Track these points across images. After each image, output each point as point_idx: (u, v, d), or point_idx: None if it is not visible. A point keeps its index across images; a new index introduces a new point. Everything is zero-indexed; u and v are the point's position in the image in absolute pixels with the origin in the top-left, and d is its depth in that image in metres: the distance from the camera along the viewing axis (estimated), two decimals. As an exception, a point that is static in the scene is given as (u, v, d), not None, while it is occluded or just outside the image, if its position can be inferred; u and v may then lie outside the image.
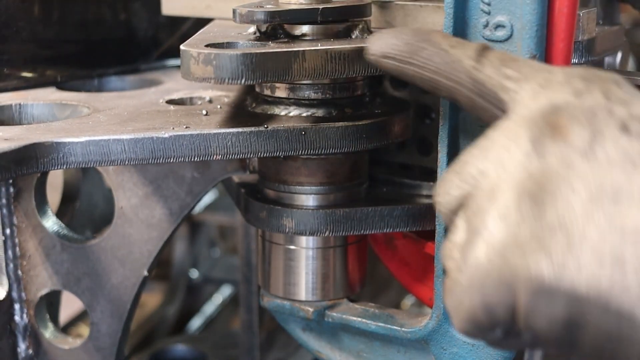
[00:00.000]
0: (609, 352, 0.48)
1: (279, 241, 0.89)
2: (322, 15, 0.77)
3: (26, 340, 1.00)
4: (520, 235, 0.51)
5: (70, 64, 1.06)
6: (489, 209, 0.53)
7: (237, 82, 0.69)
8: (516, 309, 0.50)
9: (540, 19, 0.69)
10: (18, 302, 0.98)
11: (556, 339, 0.49)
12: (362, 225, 0.83)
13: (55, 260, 0.96)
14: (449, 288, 0.55)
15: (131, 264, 0.93)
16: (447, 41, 0.63)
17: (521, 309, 0.50)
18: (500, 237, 0.52)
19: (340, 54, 0.73)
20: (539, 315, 0.49)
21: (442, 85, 0.63)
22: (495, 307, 0.51)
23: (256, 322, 1.19)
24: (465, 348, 0.81)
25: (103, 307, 0.95)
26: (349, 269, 0.90)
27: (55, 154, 0.74)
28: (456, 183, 0.58)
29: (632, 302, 0.46)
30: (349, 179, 0.86)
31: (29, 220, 0.96)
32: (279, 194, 0.86)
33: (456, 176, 0.58)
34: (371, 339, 0.89)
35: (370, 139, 0.79)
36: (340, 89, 0.82)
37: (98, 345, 0.96)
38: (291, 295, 0.89)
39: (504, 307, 0.50)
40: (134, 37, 1.12)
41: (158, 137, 0.75)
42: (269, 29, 0.79)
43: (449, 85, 0.62)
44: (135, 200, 0.92)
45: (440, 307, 0.81)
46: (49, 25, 1.00)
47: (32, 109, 0.91)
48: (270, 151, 0.76)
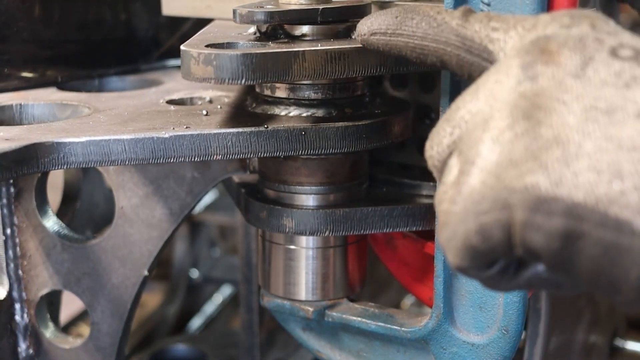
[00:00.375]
0: (606, 266, 0.46)
1: (279, 241, 0.89)
2: (322, 16, 0.77)
3: (27, 339, 1.00)
4: (514, 153, 0.49)
5: (71, 64, 1.06)
6: (482, 137, 0.52)
7: (237, 82, 0.70)
8: (512, 227, 0.48)
9: (540, 19, 0.69)
10: (19, 302, 0.98)
11: (553, 255, 0.47)
12: (362, 225, 0.84)
13: (55, 260, 0.96)
14: (442, 223, 0.53)
15: (131, 263, 0.93)
16: (433, 9, 0.63)
17: (517, 225, 0.48)
18: (494, 158, 0.50)
19: (340, 54, 0.73)
20: (536, 230, 0.47)
21: (431, 49, 0.63)
22: (491, 228, 0.49)
23: (256, 321, 1.19)
24: (465, 348, 0.81)
25: (103, 306, 0.95)
26: (349, 268, 0.90)
27: (55, 154, 0.74)
28: (448, 130, 0.57)
29: (630, 212, 0.45)
30: (349, 179, 0.86)
31: (29, 220, 0.97)
32: (279, 194, 0.86)
33: (447, 124, 0.57)
34: (371, 338, 0.89)
35: (370, 139, 0.79)
36: (340, 89, 0.82)
37: (98, 344, 0.96)
38: (291, 295, 0.90)
39: (499, 227, 0.48)
40: (134, 37, 1.12)
41: (158, 137, 0.75)
42: (269, 29, 0.79)
43: (437, 48, 0.62)
44: (135, 200, 0.92)
45: (440, 307, 0.81)
46: (49, 26, 1.00)
47: (33, 109, 0.91)
48: (270, 151, 0.76)
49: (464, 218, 0.50)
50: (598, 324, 1.20)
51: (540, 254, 0.48)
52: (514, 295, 0.77)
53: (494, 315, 0.79)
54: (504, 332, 0.79)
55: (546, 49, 0.53)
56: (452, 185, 0.53)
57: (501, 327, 0.79)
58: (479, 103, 0.55)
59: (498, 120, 0.52)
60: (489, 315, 0.79)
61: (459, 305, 0.81)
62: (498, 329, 0.79)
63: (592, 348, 1.19)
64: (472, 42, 0.60)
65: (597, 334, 1.21)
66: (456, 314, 0.82)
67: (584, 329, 1.14)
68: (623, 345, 1.32)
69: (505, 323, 0.78)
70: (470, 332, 0.81)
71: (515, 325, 0.78)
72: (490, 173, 0.50)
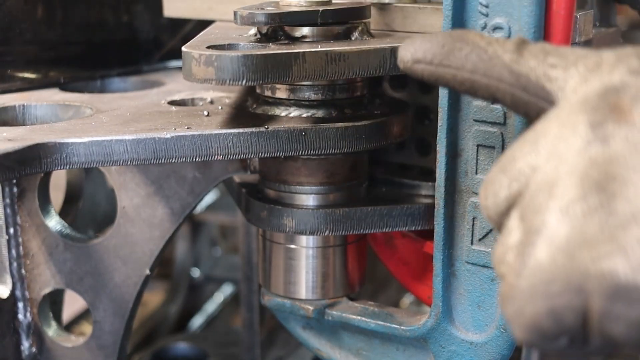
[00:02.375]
0: None
1: (280, 240, 0.90)
2: (322, 17, 0.77)
3: (29, 338, 1.00)
4: (588, 230, 0.45)
5: (73, 66, 1.06)
6: (548, 204, 0.47)
7: (238, 83, 0.70)
8: (588, 314, 0.44)
9: (538, 20, 0.69)
10: (21, 301, 0.99)
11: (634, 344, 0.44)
12: (361, 225, 0.84)
13: (58, 260, 0.97)
14: (506, 295, 0.49)
15: (133, 263, 0.94)
16: (483, 39, 0.58)
17: (595, 314, 0.44)
18: (564, 233, 0.46)
19: (340, 55, 0.73)
20: (616, 320, 0.44)
21: (482, 85, 0.58)
22: (564, 313, 0.45)
23: (257, 320, 1.19)
24: (464, 346, 0.82)
25: (106, 305, 0.96)
26: (349, 268, 0.91)
27: (58, 154, 0.74)
28: (505, 183, 0.52)
29: None
30: (349, 179, 0.86)
31: (32, 220, 0.97)
32: (279, 193, 0.86)
33: (504, 175, 0.52)
34: (370, 337, 0.89)
35: (370, 140, 0.80)
36: (340, 90, 0.82)
37: (101, 343, 0.97)
38: (291, 294, 0.90)
39: (573, 312, 0.45)
40: (136, 38, 1.12)
41: (160, 138, 0.75)
42: (270, 31, 0.79)
43: (489, 84, 0.57)
44: (137, 200, 0.93)
45: (439, 306, 0.81)
46: (52, 27, 1.01)
47: (36, 110, 0.91)
48: (270, 151, 0.77)
49: (533, 297, 0.46)
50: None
51: (620, 343, 0.45)
52: (511, 294, 0.77)
53: (493, 314, 0.80)
54: (502, 330, 0.79)
55: (617, 106, 0.48)
56: (514, 249, 0.50)
57: (499, 326, 0.79)
58: (539, 158, 0.50)
59: (567, 188, 0.47)
60: (488, 314, 0.80)
61: (457, 304, 0.82)
62: (496, 327, 0.79)
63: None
64: (528, 81, 0.55)
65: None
66: (455, 313, 0.82)
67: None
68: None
69: (504, 322, 0.78)
70: (469, 330, 0.82)
71: (513, 323, 0.78)
72: (561, 250, 0.46)
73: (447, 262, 0.80)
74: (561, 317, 0.45)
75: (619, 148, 0.46)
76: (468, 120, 0.76)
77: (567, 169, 0.48)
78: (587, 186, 0.46)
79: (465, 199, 0.78)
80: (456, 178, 0.78)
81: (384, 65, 0.75)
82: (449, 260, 0.80)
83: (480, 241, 0.78)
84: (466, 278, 0.80)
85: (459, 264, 0.80)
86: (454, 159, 0.77)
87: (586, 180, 0.46)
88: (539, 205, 0.48)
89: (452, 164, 0.77)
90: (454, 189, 0.78)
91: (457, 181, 0.78)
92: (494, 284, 0.79)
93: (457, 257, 0.80)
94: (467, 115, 0.76)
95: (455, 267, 0.80)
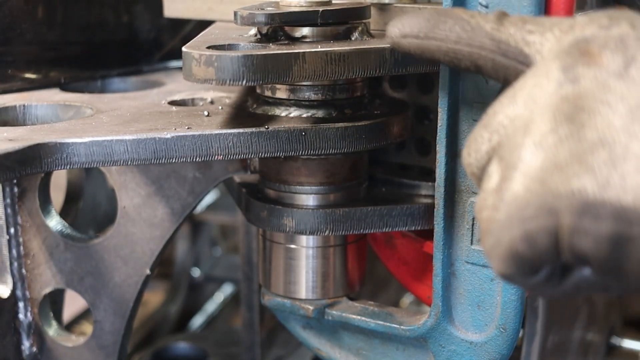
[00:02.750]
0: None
1: (280, 240, 0.90)
2: (322, 18, 0.77)
3: (30, 338, 1.01)
4: (559, 157, 0.48)
5: (74, 66, 1.06)
6: (524, 141, 0.50)
7: (238, 83, 0.70)
8: (560, 232, 0.47)
9: (537, 21, 0.69)
10: (22, 301, 0.99)
11: (602, 260, 0.46)
12: (361, 225, 0.84)
13: (58, 259, 0.97)
14: (485, 231, 0.52)
15: (134, 262, 0.94)
16: (466, 13, 0.62)
17: (565, 231, 0.46)
18: (537, 163, 0.49)
19: (340, 55, 0.73)
20: (584, 235, 0.46)
21: (465, 54, 0.61)
22: (537, 235, 0.47)
23: (257, 320, 1.20)
24: (463, 346, 0.82)
25: (106, 305, 0.96)
26: (349, 267, 0.91)
27: (58, 154, 0.74)
28: (486, 137, 0.55)
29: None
30: (349, 179, 0.87)
31: (33, 220, 0.97)
32: (279, 193, 0.86)
33: (484, 130, 0.55)
34: (370, 336, 0.89)
35: (370, 140, 0.80)
36: (340, 90, 0.82)
37: (101, 343, 0.97)
38: (291, 294, 0.90)
39: (546, 233, 0.47)
40: (136, 39, 1.12)
41: (160, 138, 0.75)
42: (270, 31, 0.79)
43: (472, 52, 0.61)
44: (137, 200, 0.93)
45: (439, 306, 0.82)
46: (52, 28, 1.01)
47: (36, 110, 0.91)
48: (270, 151, 0.77)
49: (509, 225, 0.49)
50: (595, 323, 1.21)
51: (588, 259, 0.47)
52: (511, 294, 0.77)
53: (492, 314, 0.80)
54: (501, 330, 0.79)
55: (587, 51, 0.51)
56: (493, 192, 0.52)
57: (499, 326, 0.79)
58: (517, 108, 0.53)
59: (540, 124, 0.50)
60: (487, 313, 0.80)
61: (457, 304, 0.82)
62: (496, 327, 0.79)
63: (589, 346, 1.20)
64: (508, 46, 0.59)
65: (593, 332, 1.21)
66: (454, 313, 0.82)
67: (581, 327, 1.14)
68: (619, 344, 1.32)
69: (503, 321, 0.79)
70: (469, 330, 0.82)
71: (513, 323, 0.79)
72: (534, 178, 0.49)
73: (447, 262, 0.80)
74: (535, 239, 0.47)
75: (587, 85, 0.49)
76: (468, 120, 0.76)
77: (540, 109, 0.51)
78: (558, 119, 0.49)
79: (465, 199, 0.78)
80: (456, 178, 0.78)
81: (384, 65, 0.75)
82: (449, 260, 0.80)
83: (479, 241, 0.78)
84: (466, 278, 0.80)
85: (458, 263, 0.80)
86: (453, 159, 0.77)
87: (557, 114, 0.49)
88: (516, 144, 0.51)
89: (452, 164, 0.77)
90: (454, 189, 0.78)
91: (457, 181, 0.78)
92: (494, 284, 0.79)
93: (457, 257, 0.80)
94: (467, 115, 0.76)
95: (455, 267, 0.80)
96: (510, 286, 0.77)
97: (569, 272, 0.50)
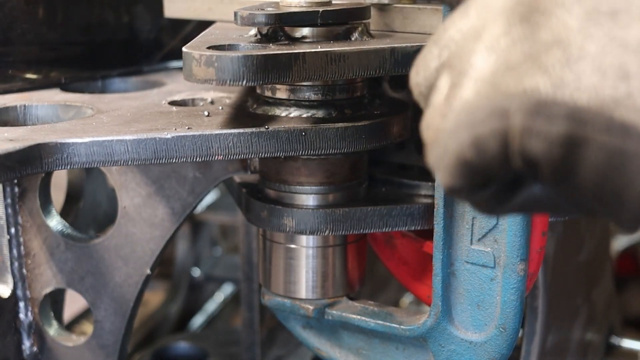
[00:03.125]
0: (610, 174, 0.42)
1: (280, 240, 0.90)
2: (322, 18, 0.77)
3: (31, 337, 1.01)
4: (512, 58, 0.45)
5: (74, 66, 1.06)
6: (475, 48, 0.48)
7: (239, 83, 0.70)
8: (510, 134, 0.44)
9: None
10: (23, 300, 0.99)
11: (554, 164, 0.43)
12: (361, 225, 0.84)
13: (59, 259, 0.97)
14: (431, 142, 0.49)
15: (134, 262, 0.94)
16: None
17: (515, 132, 0.43)
18: (489, 67, 0.46)
19: (340, 56, 0.73)
20: (536, 136, 0.43)
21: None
22: (487, 138, 0.44)
23: (257, 319, 1.20)
24: (463, 345, 0.82)
25: (106, 305, 0.96)
26: (349, 267, 0.91)
27: (59, 154, 0.75)
28: (435, 53, 0.52)
29: (637, 115, 0.41)
30: (349, 179, 0.87)
31: (33, 220, 0.97)
32: (279, 193, 0.87)
33: (434, 46, 0.52)
34: (370, 336, 0.90)
35: (370, 140, 0.80)
36: (340, 90, 0.83)
37: (101, 342, 0.97)
38: (291, 294, 0.90)
39: (496, 136, 0.44)
40: (136, 39, 1.12)
41: (161, 138, 0.75)
42: (270, 32, 0.79)
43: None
44: (138, 200, 0.93)
45: (439, 305, 0.82)
46: (53, 28, 1.01)
47: (37, 110, 0.91)
48: (271, 151, 0.77)
49: (456, 131, 0.46)
50: (594, 322, 1.21)
51: (540, 163, 0.44)
52: (511, 294, 0.78)
53: (492, 314, 0.80)
54: (501, 330, 0.79)
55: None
56: (441, 103, 0.49)
57: (499, 325, 0.79)
58: (470, 19, 0.50)
59: (493, 28, 0.47)
60: (487, 313, 0.80)
61: (457, 304, 0.82)
62: (495, 326, 0.80)
63: (589, 346, 1.20)
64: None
65: (593, 332, 1.21)
66: (454, 312, 0.82)
67: (580, 327, 1.14)
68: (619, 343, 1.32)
69: (503, 321, 0.79)
70: (468, 330, 0.82)
71: (513, 323, 0.79)
72: (485, 82, 0.46)
73: (447, 262, 0.80)
74: (484, 144, 0.44)
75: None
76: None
77: (494, 14, 0.48)
78: (511, 21, 0.46)
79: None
80: (455, 178, 0.78)
81: (384, 66, 0.75)
82: (449, 260, 0.80)
83: (479, 241, 0.78)
84: (465, 278, 0.80)
85: (458, 263, 0.80)
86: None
87: (511, 17, 0.47)
88: (467, 51, 0.48)
89: (452, 164, 0.77)
90: (454, 189, 0.78)
91: (457, 181, 0.78)
92: (494, 284, 0.79)
93: (457, 257, 0.80)
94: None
95: (455, 267, 0.81)
96: (510, 286, 0.77)
97: (518, 187, 0.47)
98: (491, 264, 0.78)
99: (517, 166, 0.45)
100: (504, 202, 0.48)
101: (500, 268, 0.78)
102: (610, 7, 0.44)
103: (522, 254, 0.76)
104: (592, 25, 0.44)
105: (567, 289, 1.08)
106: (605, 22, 0.44)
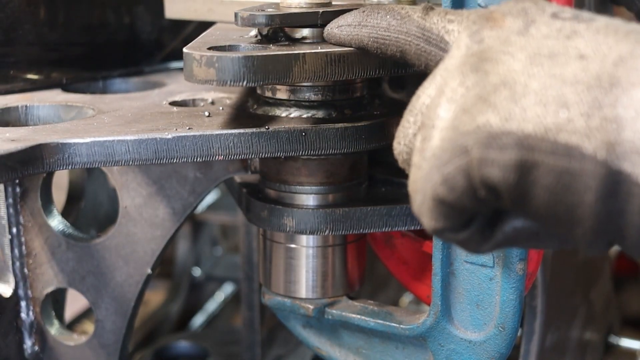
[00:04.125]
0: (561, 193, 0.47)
1: (280, 240, 0.90)
2: (322, 19, 0.78)
3: (32, 336, 1.01)
4: (467, 103, 0.51)
5: (76, 67, 1.06)
6: (440, 101, 0.54)
7: (239, 84, 0.70)
8: (470, 169, 0.49)
9: (535, 23, 0.70)
10: (24, 300, 0.99)
11: (510, 189, 0.48)
12: (361, 225, 0.84)
13: (60, 259, 0.97)
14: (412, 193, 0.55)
15: (135, 262, 0.94)
16: (399, 6, 0.68)
17: (474, 165, 0.49)
18: (450, 115, 0.52)
19: (339, 56, 0.73)
20: (491, 165, 0.48)
21: (392, 40, 0.67)
22: (454, 176, 0.50)
23: (257, 319, 1.20)
24: (462, 345, 0.82)
25: (107, 304, 0.96)
26: (349, 267, 0.91)
27: (60, 154, 0.75)
28: (412, 120, 0.59)
29: (578, 137, 0.47)
30: (349, 179, 0.87)
31: (35, 220, 0.97)
32: (279, 193, 0.87)
33: (409, 114, 0.59)
34: (370, 335, 0.90)
35: (369, 140, 0.80)
36: (340, 90, 0.83)
37: (102, 341, 0.97)
38: (292, 293, 0.91)
39: (461, 172, 0.50)
40: (137, 40, 1.12)
41: (161, 138, 0.75)
42: (270, 32, 0.80)
43: (398, 38, 0.66)
44: (139, 200, 0.93)
45: (438, 305, 0.82)
46: (54, 28, 1.01)
47: (38, 111, 0.91)
48: (271, 152, 0.77)
49: (429, 175, 0.52)
50: (593, 321, 1.21)
51: (499, 190, 0.49)
52: (510, 293, 0.78)
53: (491, 313, 0.80)
54: (500, 329, 0.79)
55: (491, 17, 0.56)
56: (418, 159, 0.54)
57: (498, 325, 0.79)
58: (435, 82, 0.56)
59: (451, 82, 0.54)
60: (486, 312, 0.80)
61: (456, 303, 0.82)
62: (495, 326, 0.80)
63: (587, 345, 1.20)
64: (431, 33, 0.63)
65: (591, 331, 1.21)
66: (454, 312, 0.83)
67: (579, 326, 1.15)
68: (617, 342, 1.33)
69: (502, 320, 0.79)
70: (468, 329, 0.82)
71: (512, 322, 0.79)
72: (447, 128, 0.52)
73: (446, 262, 0.81)
74: (453, 181, 0.50)
75: (491, 42, 0.54)
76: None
77: (451, 72, 0.55)
78: (465, 72, 0.53)
79: (464, 198, 0.78)
80: (455, 178, 0.78)
81: (384, 66, 0.75)
82: (448, 260, 0.81)
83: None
84: (465, 277, 0.80)
85: (457, 263, 0.81)
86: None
87: (464, 69, 0.53)
88: (434, 108, 0.55)
89: (451, 164, 0.77)
90: (453, 189, 0.78)
91: (456, 181, 0.78)
92: (493, 283, 0.79)
93: (456, 257, 0.80)
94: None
95: (454, 267, 0.81)
96: (509, 285, 0.78)
97: (499, 223, 0.52)
98: (490, 264, 0.78)
99: (482, 196, 0.50)
100: (489, 238, 0.53)
101: (500, 268, 0.78)
102: (549, 50, 0.51)
103: (521, 253, 0.77)
104: (535, 66, 0.50)
105: (566, 289, 1.08)
106: (546, 62, 0.50)
